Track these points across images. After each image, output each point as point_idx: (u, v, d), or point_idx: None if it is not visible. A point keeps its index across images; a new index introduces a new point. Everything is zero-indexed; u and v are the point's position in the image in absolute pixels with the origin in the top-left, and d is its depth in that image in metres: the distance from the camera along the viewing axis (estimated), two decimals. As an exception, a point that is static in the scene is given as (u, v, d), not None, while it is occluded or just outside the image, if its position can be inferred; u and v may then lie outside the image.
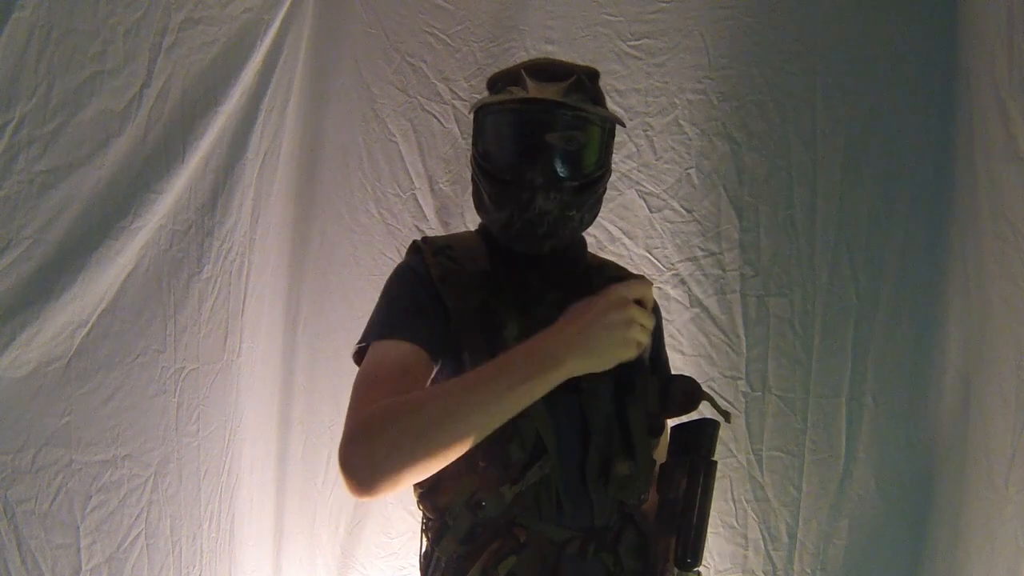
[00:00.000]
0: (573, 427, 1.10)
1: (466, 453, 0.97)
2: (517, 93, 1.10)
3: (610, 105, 1.30)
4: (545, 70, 1.14)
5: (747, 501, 1.83)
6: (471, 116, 1.19)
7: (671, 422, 1.17)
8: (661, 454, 1.17)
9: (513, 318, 1.11)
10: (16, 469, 1.51)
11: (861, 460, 1.78)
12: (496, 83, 1.19)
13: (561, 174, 1.10)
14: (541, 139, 1.09)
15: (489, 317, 1.10)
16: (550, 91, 1.09)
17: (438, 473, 1.07)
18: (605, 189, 1.20)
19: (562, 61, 1.20)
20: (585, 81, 1.14)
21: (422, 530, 1.17)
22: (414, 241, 1.21)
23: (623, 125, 1.17)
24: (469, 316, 1.09)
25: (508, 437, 1.03)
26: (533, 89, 1.10)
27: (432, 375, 1.11)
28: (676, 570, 1.05)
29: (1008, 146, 1.53)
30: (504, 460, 1.05)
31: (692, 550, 1.03)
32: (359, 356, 1.14)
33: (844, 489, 1.79)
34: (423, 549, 1.17)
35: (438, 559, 1.11)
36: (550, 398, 0.99)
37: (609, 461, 1.10)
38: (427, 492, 1.12)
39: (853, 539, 1.78)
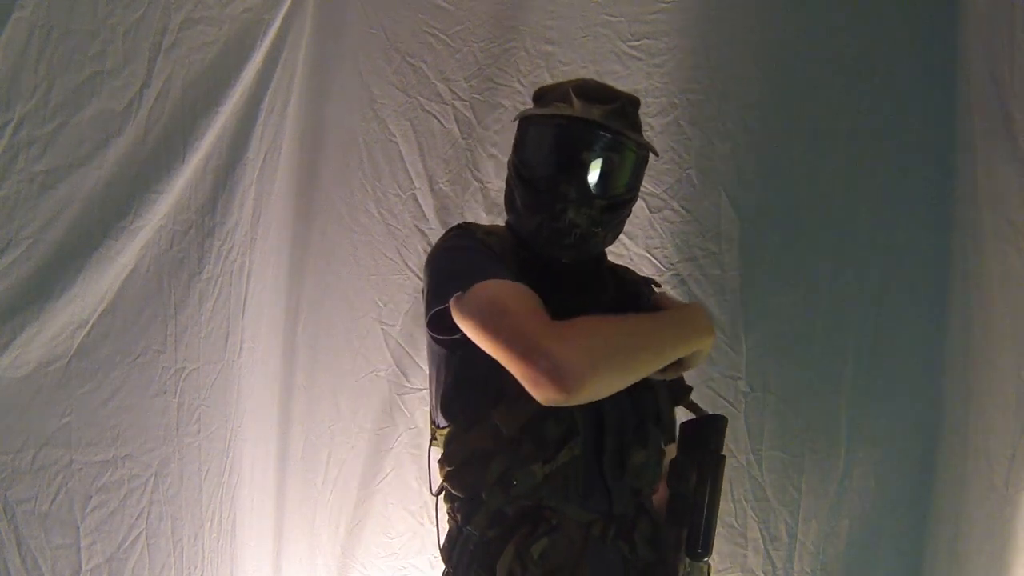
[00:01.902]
0: (589, 416, 1.13)
1: (500, 431, 1.08)
2: (563, 110, 1.16)
3: None
4: (592, 92, 1.18)
5: (747, 501, 1.83)
6: (515, 124, 1.24)
7: (681, 418, 1.23)
8: (671, 449, 1.22)
9: (550, 307, 1.13)
10: (16, 469, 1.51)
11: (861, 460, 1.78)
12: (543, 97, 1.24)
13: (594, 192, 1.15)
14: (579, 156, 1.14)
15: None
16: (595, 112, 1.15)
17: (469, 451, 1.13)
18: (630, 212, 1.25)
19: (609, 86, 1.24)
20: (628, 107, 1.19)
21: (448, 514, 1.20)
22: (460, 224, 1.25)
23: (656, 155, 1.23)
24: None
25: (546, 413, 1.07)
26: (579, 108, 1.15)
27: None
28: (687, 560, 1.13)
29: (1008, 146, 1.53)
30: (540, 436, 1.10)
31: (703, 541, 1.11)
32: (437, 324, 1.13)
33: (844, 489, 1.78)
34: (448, 532, 1.20)
35: (467, 538, 1.14)
36: None
37: (626, 450, 1.15)
38: (455, 471, 1.15)
39: (853, 539, 1.78)
